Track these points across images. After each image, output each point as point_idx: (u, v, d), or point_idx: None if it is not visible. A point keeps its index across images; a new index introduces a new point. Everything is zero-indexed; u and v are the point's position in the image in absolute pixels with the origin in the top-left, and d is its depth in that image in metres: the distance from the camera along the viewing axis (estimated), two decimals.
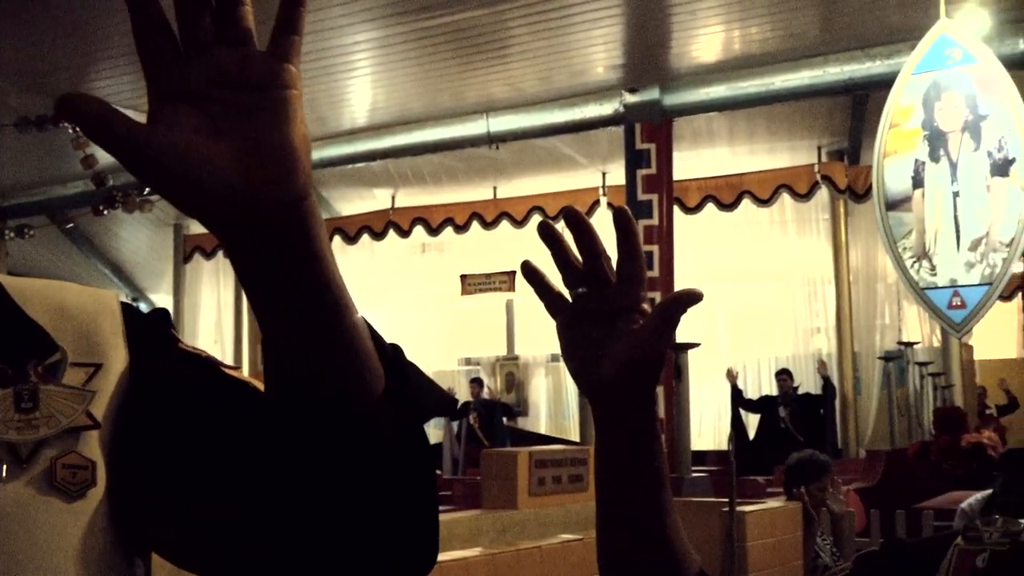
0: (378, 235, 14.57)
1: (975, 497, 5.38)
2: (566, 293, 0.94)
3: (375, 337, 0.75)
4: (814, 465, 5.39)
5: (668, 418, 9.60)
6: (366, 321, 0.75)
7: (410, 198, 14.45)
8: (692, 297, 0.91)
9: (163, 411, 0.76)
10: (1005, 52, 8.74)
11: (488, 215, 13.60)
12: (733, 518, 5.20)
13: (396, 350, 0.77)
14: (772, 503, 6.08)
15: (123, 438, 0.75)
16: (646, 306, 0.92)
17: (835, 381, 12.49)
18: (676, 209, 11.52)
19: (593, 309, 0.92)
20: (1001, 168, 7.90)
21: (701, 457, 11.04)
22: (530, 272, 0.92)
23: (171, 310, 14.64)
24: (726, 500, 5.31)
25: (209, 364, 0.82)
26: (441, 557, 4.28)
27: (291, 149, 0.65)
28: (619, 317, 0.92)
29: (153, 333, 0.82)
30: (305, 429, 0.72)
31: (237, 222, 0.66)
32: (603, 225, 0.83)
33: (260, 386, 0.78)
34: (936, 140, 8.17)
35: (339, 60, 10.71)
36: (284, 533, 0.74)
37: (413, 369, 0.78)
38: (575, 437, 13.41)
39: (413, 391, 0.76)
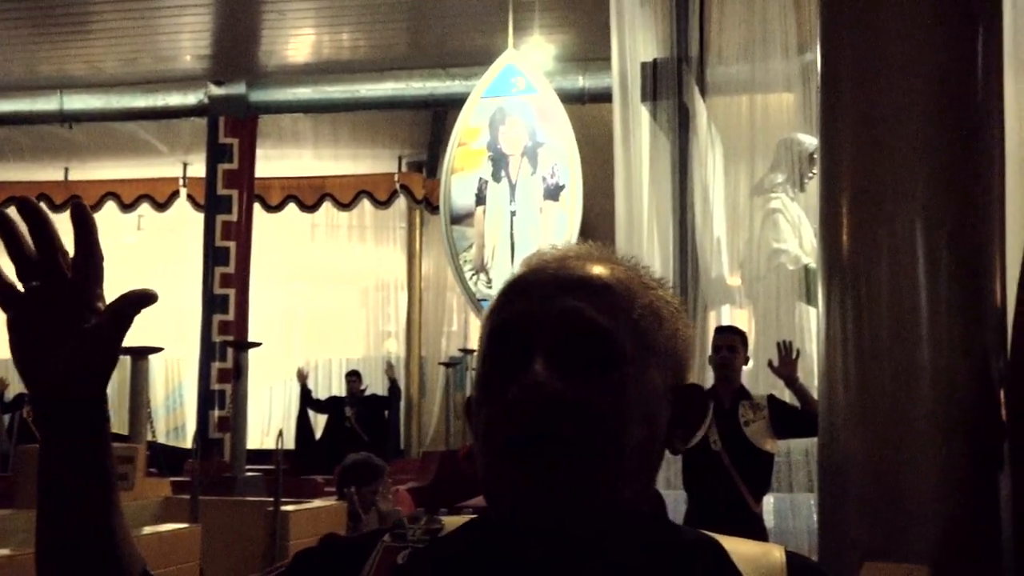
0: None
1: None
2: (20, 286, 0.89)
3: None
4: (368, 468, 5.51)
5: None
6: None
7: None
8: (145, 298, 0.90)
9: None
10: (567, 86, 9.51)
11: (57, 197, 12.78)
12: (277, 517, 5.27)
13: None
14: (318, 502, 6.20)
15: None
16: (101, 304, 0.89)
17: (403, 384, 12.91)
18: (257, 207, 11.47)
19: (45, 304, 0.88)
20: (553, 193, 8.58)
21: (267, 456, 11.00)
22: None
23: None
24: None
25: None
26: None
27: None
28: (72, 314, 0.88)
29: None
30: None
31: None
32: (182, 217, 0.81)
33: None
34: (499, 161, 8.73)
35: None
36: None
37: None
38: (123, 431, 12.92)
39: None
